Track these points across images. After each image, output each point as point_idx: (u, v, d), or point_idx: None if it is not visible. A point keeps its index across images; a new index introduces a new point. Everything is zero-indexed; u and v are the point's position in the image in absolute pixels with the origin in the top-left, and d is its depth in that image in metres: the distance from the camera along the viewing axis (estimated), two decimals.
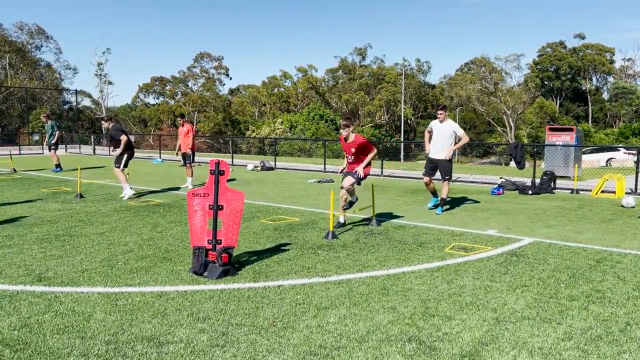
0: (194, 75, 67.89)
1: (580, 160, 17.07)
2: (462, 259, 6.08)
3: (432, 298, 4.73)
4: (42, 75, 58.15)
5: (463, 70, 71.03)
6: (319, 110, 58.62)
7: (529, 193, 12.30)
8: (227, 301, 4.59)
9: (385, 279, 5.29)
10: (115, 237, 7.11)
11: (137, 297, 4.66)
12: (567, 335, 3.93)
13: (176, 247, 6.53)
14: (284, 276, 5.36)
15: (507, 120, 62.15)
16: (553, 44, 70.40)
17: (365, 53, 71.48)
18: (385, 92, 63.96)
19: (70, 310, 4.33)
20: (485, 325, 4.13)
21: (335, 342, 3.78)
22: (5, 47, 53.66)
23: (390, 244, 6.86)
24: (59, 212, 9.04)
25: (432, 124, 9.51)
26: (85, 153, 28.53)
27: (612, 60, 70.07)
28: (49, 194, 11.40)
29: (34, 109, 49.02)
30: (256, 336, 3.87)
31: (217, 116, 61.23)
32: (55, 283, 5.05)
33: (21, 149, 27.74)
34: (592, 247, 6.76)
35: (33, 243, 6.68)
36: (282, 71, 71.75)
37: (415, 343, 3.78)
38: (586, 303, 4.64)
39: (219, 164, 5.39)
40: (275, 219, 8.57)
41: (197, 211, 5.41)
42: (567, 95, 70.20)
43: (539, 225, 8.33)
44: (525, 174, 14.63)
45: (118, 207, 9.65)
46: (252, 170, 18.71)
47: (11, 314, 4.24)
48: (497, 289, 5.02)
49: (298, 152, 39.64)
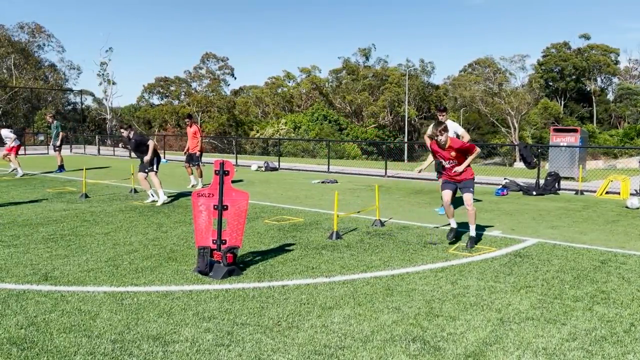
0: (199, 75, 68.08)
1: (585, 161, 17.03)
2: (466, 260, 6.09)
3: (436, 298, 4.74)
4: (46, 76, 58.39)
5: (467, 70, 70.88)
6: (323, 110, 58.63)
7: (533, 194, 12.29)
8: (232, 301, 4.61)
9: (389, 279, 5.30)
10: (121, 237, 7.14)
11: (143, 297, 4.69)
12: (571, 336, 3.94)
13: (181, 247, 6.56)
14: (288, 276, 5.38)
15: (511, 121, 62.02)
16: (557, 45, 70.25)
17: (369, 54, 71.48)
18: (389, 92, 63.92)
19: (77, 309, 4.36)
20: (489, 325, 4.13)
21: (340, 342, 3.79)
22: (9, 47, 53.93)
23: (395, 244, 6.87)
24: (65, 212, 9.08)
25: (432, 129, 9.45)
26: (90, 153, 28.63)
27: (617, 61, 69.88)
28: (54, 194, 11.46)
29: (39, 109, 49.23)
30: (261, 336, 3.89)
31: (221, 117, 61.32)
32: (62, 282, 5.08)
33: (26, 149, 27.85)
34: (596, 248, 6.76)
35: (39, 242, 6.72)
36: (285, 72, 71.80)
37: (419, 343, 3.79)
38: (591, 304, 4.64)
39: (223, 165, 5.41)
40: (279, 220, 8.59)
41: (202, 211, 5.44)
42: (571, 96, 70.03)
43: (543, 226, 8.32)
44: (530, 174, 14.61)
45: (123, 207, 9.70)
46: (255, 170, 18.75)
47: (18, 312, 4.27)
48: (502, 289, 5.03)
49: (302, 152, 39.69)
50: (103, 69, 60.46)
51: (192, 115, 14.66)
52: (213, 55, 67.95)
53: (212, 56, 67.93)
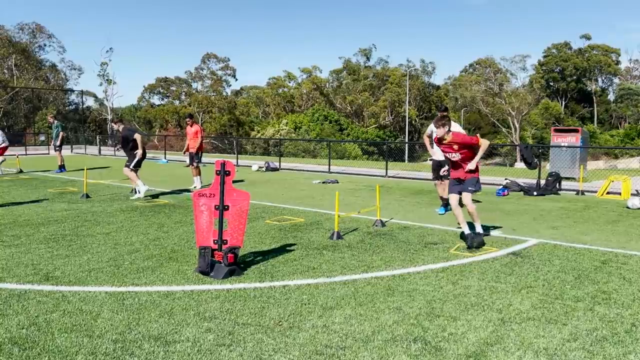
0: (201, 76, 68.12)
1: (586, 161, 17.01)
2: (467, 260, 6.09)
3: (437, 298, 4.74)
4: (47, 76, 58.45)
5: (468, 71, 70.91)
6: (324, 111, 58.68)
7: (534, 194, 12.28)
8: (233, 301, 4.62)
9: (390, 280, 5.30)
10: (122, 237, 7.15)
11: (144, 297, 4.70)
12: (572, 336, 3.94)
13: (182, 247, 6.57)
14: (289, 276, 5.38)
15: (512, 121, 62.01)
16: (558, 45, 70.22)
17: (370, 54, 71.53)
18: (390, 93, 63.94)
19: (78, 309, 4.36)
20: (490, 325, 4.13)
21: (341, 342, 3.79)
22: (10, 48, 54.01)
23: (396, 244, 6.87)
24: (66, 212, 9.09)
25: (432, 127, 9.42)
26: (91, 153, 28.65)
27: (617, 62, 69.86)
28: (55, 194, 11.47)
29: (40, 110, 49.28)
30: (262, 336, 3.89)
31: (222, 117, 61.35)
32: (63, 282, 5.09)
33: (27, 150, 27.89)
34: (597, 249, 6.75)
35: (40, 242, 6.73)
36: (286, 72, 71.87)
37: (420, 343, 3.79)
38: (592, 304, 4.64)
39: (224, 165, 5.41)
40: (280, 220, 8.59)
41: (204, 212, 5.44)
42: (572, 97, 70.00)
43: (544, 226, 8.32)
44: (531, 175, 14.61)
45: (124, 207, 9.70)
46: (256, 171, 18.75)
47: (19, 312, 4.27)
48: (503, 289, 5.03)
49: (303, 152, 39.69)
50: (103, 70, 60.60)
51: (193, 115, 14.68)
52: (214, 56, 68.03)
53: (213, 56, 68.00)
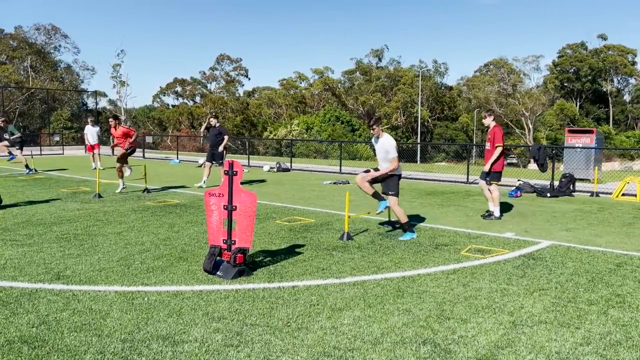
0: (214, 77, 68.52)
1: (600, 162, 16.78)
2: (479, 262, 6.02)
3: (447, 301, 4.69)
4: (62, 77, 59.13)
5: (481, 71, 70.44)
6: (335, 111, 58.59)
7: (548, 195, 12.14)
8: (242, 301, 4.61)
9: (400, 281, 5.26)
10: (133, 236, 7.18)
11: (153, 296, 4.70)
12: (585, 340, 3.87)
13: (192, 247, 6.58)
14: (298, 277, 5.36)
15: (526, 122, 61.48)
16: (573, 45, 69.48)
17: (382, 55, 71.40)
18: (402, 93, 63.72)
19: (88, 308, 4.38)
20: (501, 328, 4.08)
21: (350, 344, 3.76)
22: (27, 48, 54.76)
23: (406, 245, 6.82)
24: (78, 211, 9.16)
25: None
26: (104, 154, 28.84)
27: (633, 62, 68.90)
28: (68, 193, 11.57)
29: (55, 110, 49.83)
30: (270, 336, 3.88)
31: (235, 118, 61.58)
32: (74, 281, 5.12)
33: (42, 150, 28.19)
34: (611, 251, 6.65)
35: (52, 242, 6.78)
36: (298, 73, 71.94)
37: (430, 346, 3.75)
38: (605, 307, 4.56)
39: (232, 165, 5.41)
40: (290, 220, 8.58)
41: (214, 211, 5.46)
42: (587, 97, 69.22)
43: (557, 228, 8.22)
44: (544, 176, 14.44)
45: (135, 207, 9.76)
46: (268, 171, 18.77)
47: (30, 311, 4.30)
48: (514, 292, 4.96)
49: (314, 153, 39.67)
50: (116, 71, 61.16)
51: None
52: (227, 57, 68.38)
53: (227, 57, 68.34)
